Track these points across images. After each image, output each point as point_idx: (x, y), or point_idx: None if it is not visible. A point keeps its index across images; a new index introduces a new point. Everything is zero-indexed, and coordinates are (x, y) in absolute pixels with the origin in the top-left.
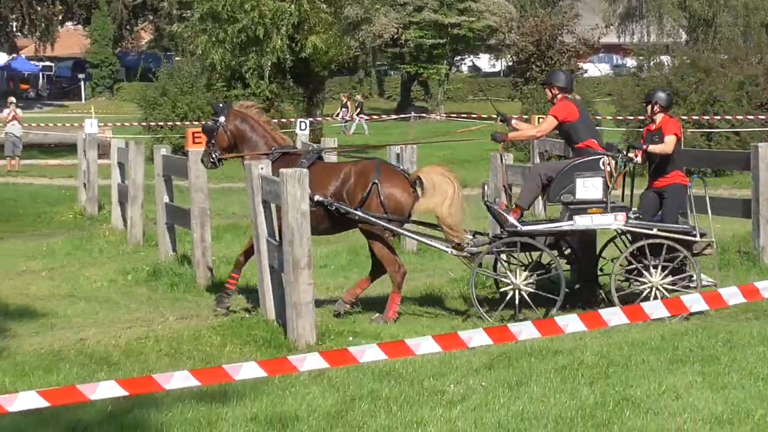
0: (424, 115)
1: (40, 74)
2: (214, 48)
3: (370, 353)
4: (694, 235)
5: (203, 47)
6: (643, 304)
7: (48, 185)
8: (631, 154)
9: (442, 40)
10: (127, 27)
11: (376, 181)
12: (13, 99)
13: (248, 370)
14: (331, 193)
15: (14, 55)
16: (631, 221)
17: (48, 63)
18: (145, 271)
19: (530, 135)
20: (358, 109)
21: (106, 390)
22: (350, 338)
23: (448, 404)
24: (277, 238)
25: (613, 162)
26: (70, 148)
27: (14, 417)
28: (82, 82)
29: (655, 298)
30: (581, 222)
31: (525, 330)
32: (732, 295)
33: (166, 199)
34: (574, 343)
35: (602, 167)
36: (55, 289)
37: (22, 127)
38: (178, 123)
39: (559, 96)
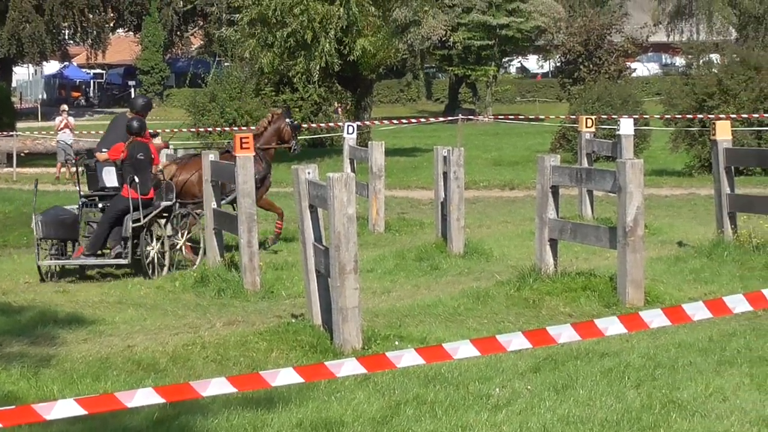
0: (471, 117)
1: (92, 82)
2: (262, 52)
3: (408, 358)
4: None
5: (252, 52)
6: (685, 306)
7: None
8: None
9: (491, 41)
10: (177, 33)
11: None
12: (65, 107)
13: (285, 376)
14: None
15: (66, 63)
16: None
17: (99, 70)
18: (193, 277)
19: None
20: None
21: (143, 397)
22: (396, 342)
23: (493, 408)
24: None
25: None
26: None
27: (62, 426)
28: (133, 89)
29: None
30: None
31: (565, 332)
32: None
33: (214, 204)
34: (620, 346)
35: None
36: (103, 295)
37: (73, 135)
38: (227, 128)
39: None
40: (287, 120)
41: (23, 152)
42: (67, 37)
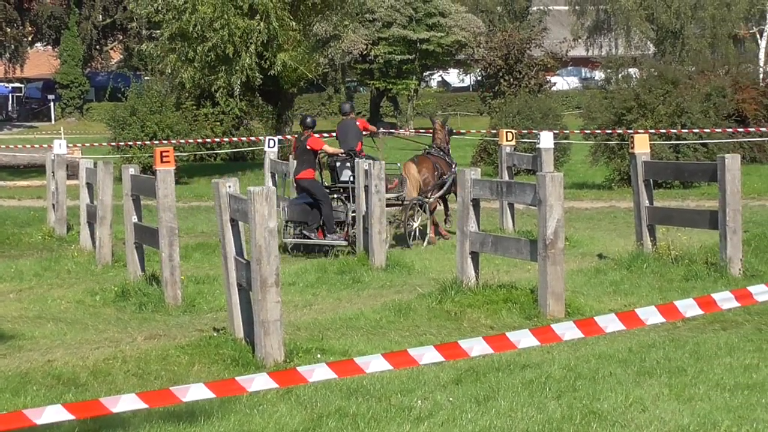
0: (393, 131)
1: (10, 95)
2: (183, 67)
3: (320, 372)
4: None
5: (172, 66)
6: (597, 318)
7: (17, 206)
8: None
9: (411, 55)
10: (97, 47)
11: None
12: None
13: (196, 392)
14: None
15: None
16: None
17: (17, 84)
18: (114, 291)
19: None
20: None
21: (53, 414)
22: (318, 355)
23: (415, 420)
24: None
25: None
26: (39, 170)
27: None
28: (52, 103)
29: None
30: None
31: (477, 346)
32: (689, 307)
33: (134, 218)
34: (541, 357)
35: None
36: (23, 310)
37: None
38: (147, 142)
39: None
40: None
41: None
42: None
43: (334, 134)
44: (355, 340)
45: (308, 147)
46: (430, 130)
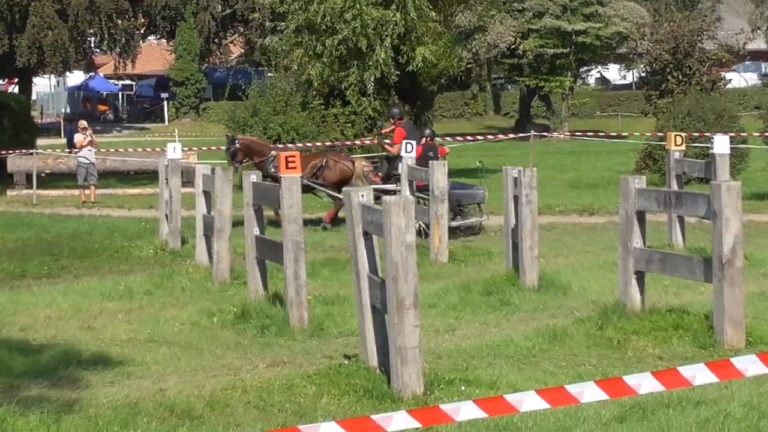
0: (545, 133)
1: (120, 94)
2: (310, 62)
3: (467, 410)
4: None
5: (299, 62)
6: None
7: (126, 217)
8: None
9: (566, 49)
10: (215, 41)
11: None
12: (84, 123)
13: (327, 430)
14: None
15: (92, 73)
16: None
17: (128, 81)
18: (233, 312)
19: None
20: None
21: None
22: (463, 387)
23: None
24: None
25: None
26: (150, 176)
27: None
28: (165, 102)
29: None
30: None
31: (645, 382)
32: None
33: (256, 231)
34: (718, 393)
35: None
36: (132, 333)
37: (96, 153)
38: (271, 146)
39: None
40: None
41: (44, 172)
42: (92, 45)
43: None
44: (504, 371)
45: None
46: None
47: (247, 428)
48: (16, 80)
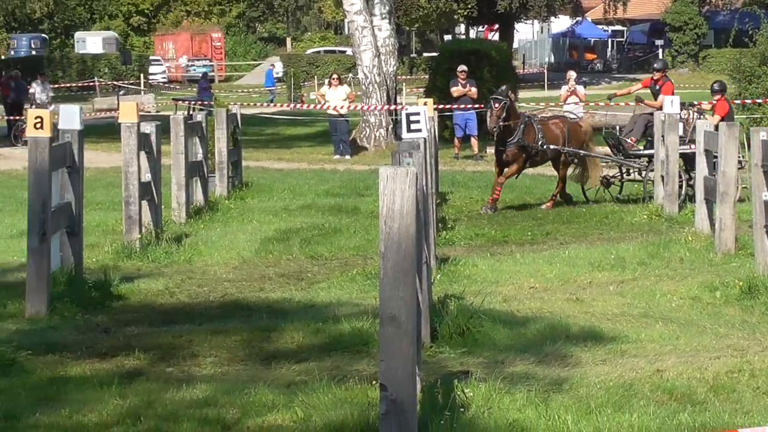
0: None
1: (609, 41)
2: None
3: None
4: None
5: None
6: None
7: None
8: None
9: None
10: None
11: None
12: (572, 73)
13: None
14: None
15: (579, 18)
16: None
17: (619, 27)
18: (738, 286)
19: None
20: None
21: None
22: None
23: None
24: None
25: None
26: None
27: None
28: (660, 50)
29: None
30: None
31: None
32: None
33: (766, 196)
34: None
35: None
36: (625, 307)
37: (583, 107)
38: None
39: None
40: None
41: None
42: None
43: None
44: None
45: None
46: None
47: (756, 416)
48: (497, 26)
